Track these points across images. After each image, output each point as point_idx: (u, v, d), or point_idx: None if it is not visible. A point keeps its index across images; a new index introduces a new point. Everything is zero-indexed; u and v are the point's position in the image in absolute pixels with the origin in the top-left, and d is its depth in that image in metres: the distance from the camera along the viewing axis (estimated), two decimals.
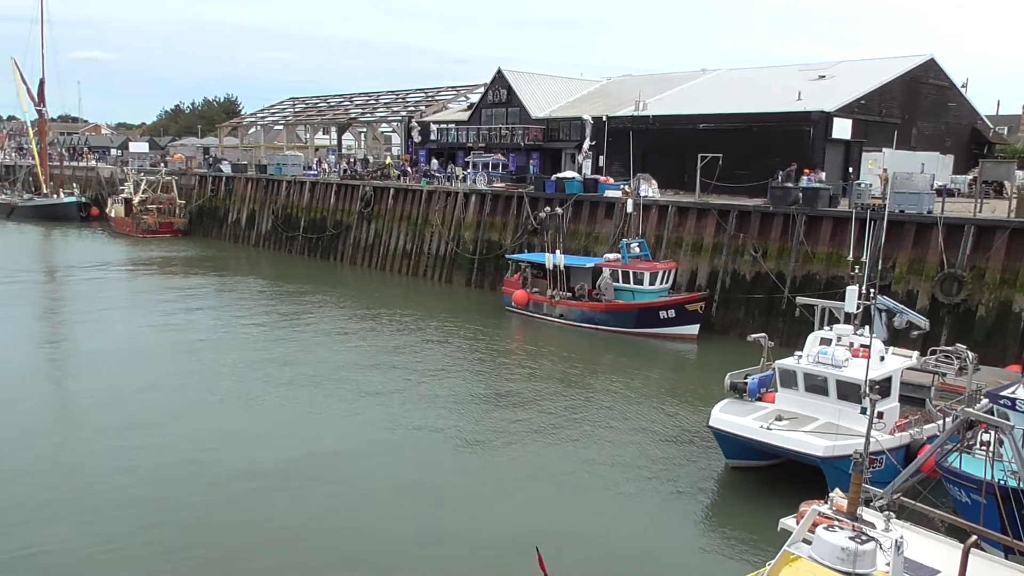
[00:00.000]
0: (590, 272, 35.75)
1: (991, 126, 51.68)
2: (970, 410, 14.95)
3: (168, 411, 22.72)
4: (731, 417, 18.98)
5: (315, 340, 32.09)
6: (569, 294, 35.82)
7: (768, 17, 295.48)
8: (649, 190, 38.80)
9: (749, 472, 19.04)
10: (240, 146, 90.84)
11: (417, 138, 65.64)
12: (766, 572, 10.39)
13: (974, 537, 10.45)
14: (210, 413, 22.79)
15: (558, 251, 36.39)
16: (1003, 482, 14.04)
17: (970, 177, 42.56)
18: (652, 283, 33.36)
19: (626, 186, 38.85)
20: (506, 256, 41.07)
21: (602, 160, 49.34)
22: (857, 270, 19.17)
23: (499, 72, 59.47)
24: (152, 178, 69.68)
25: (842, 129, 42.02)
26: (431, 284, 46.56)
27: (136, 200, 67.71)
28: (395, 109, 74.06)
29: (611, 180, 42.90)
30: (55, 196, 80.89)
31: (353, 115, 78.60)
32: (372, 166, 62.63)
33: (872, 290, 19.55)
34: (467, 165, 53.72)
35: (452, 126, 63.17)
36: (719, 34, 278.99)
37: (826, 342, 19.07)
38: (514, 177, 50.98)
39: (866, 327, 19.17)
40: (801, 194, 33.48)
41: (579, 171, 45.70)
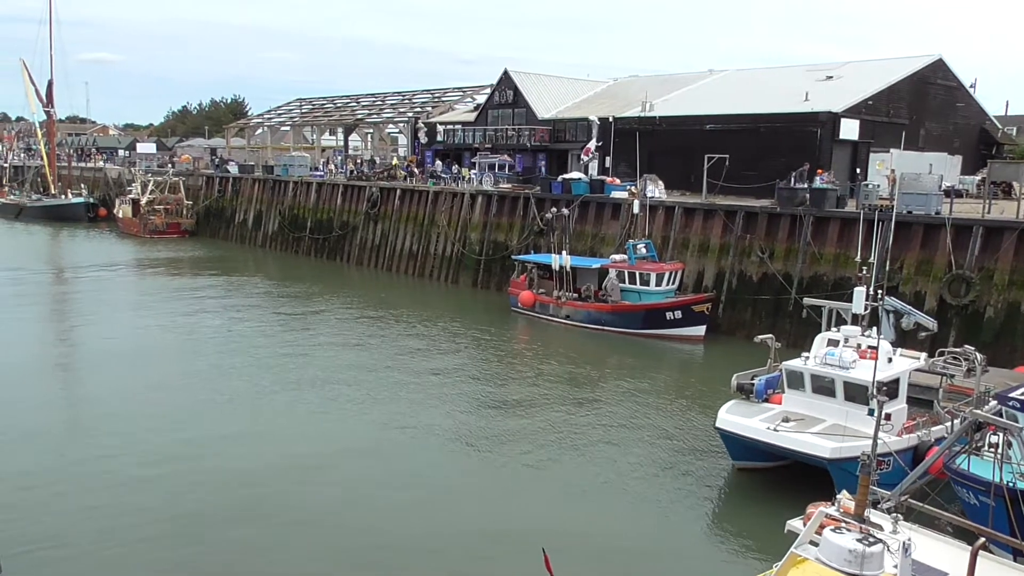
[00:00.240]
0: (596, 273, 35.72)
1: (999, 126, 51.47)
2: (978, 412, 14.90)
3: (176, 410, 22.78)
4: (738, 418, 18.93)
5: (322, 340, 32.14)
6: (575, 295, 35.79)
7: (775, 18, 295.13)
8: (656, 191, 38.74)
9: (756, 473, 18.98)
10: (247, 147, 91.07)
11: (423, 139, 65.74)
12: (773, 574, 10.37)
13: (982, 539, 10.41)
14: (217, 412, 22.83)
15: (564, 252, 36.36)
16: (1012, 484, 13.96)
17: (978, 178, 42.39)
18: (659, 284, 33.31)
19: (632, 187, 38.82)
20: (512, 257, 41.07)
21: (608, 161, 49.31)
22: (865, 271, 19.10)
23: (505, 73, 59.52)
24: (159, 179, 69.98)
25: (849, 130, 41.92)
26: (437, 285, 46.59)
27: (143, 201, 67.98)
28: (401, 110, 74.20)
29: (618, 181, 42.86)
30: (63, 197, 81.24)
31: (360, 116, 78.77)
32: (378, 167, 62.75)
33: (880, 291, 19.48)
34: (473, 166, 53.77)
35: (458, 127, 63.24)
36: (726, 35, 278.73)
37: (833, 343, 19.00)
38: (520, 178, 51.01)
39: (874, 328, 19.11)
40: (808, 195, 33.39)
41: (584, 172, 45.70)
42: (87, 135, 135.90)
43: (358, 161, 68.68)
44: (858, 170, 41.74)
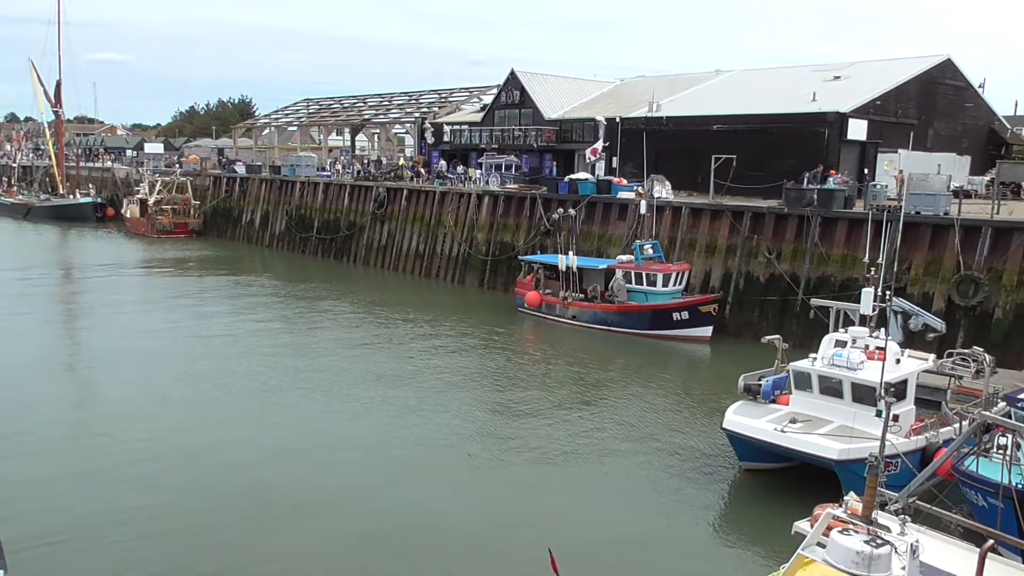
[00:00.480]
0: (603, 273, 35.69)
1: (1008, 127, 51.19)
2: (987, 413, 14.86)
3: (184, 409, 22.86)
4: (745, 419, 18.89)
5: (329, 340, 32.19)
6: (582, 295, 35.77)
7: (782, 18, 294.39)
8: (663, 191, 38.68)
9: (763, 475, 18.94)
10: (254, 147, 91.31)
11: (430, 139, 65.79)
12: (780, 575, 10.34)
13: (991, 541, 10.37)
14: (225, 411, 22.89)
15: (571, 252, 36.34)
16: (1020, 486, 13.91)
17: (987, 178, 42.22)
18: (665, 285, 33.27)
19: (639, 187, 38.77)
20: (519, 257, 41.06)
21: (615, 161, 49.27)
22: (873, 272, 19.03)
23: (512, 73, 59.52)
24: (167, 179, 70.18)
25: (857, 130, 41.76)
26: (444, 285, 46.62)
27: (151, 201, 68.22)
28: (408, 110, 74.26)
29: (624, 181, 42.81)
30: (71, 197, 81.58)
31: (366, 116, 78.87)
32: (385, 167, 62.82)
33: (888, 292, 19.39)
34: (479, 166, 53.76)
35: (465, 127, 63.25)
36: (733, 35, 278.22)
37: (841, 344, 18.94)
38: (527, 178, 51.01)
39: (881, 329, 19.04)
40: (816, 195, 33.30)
41: (591, 172, 45.67)
42: (95, 135, 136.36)
43: (365, 161, 68.79)
44: (866, 170, 41.62)
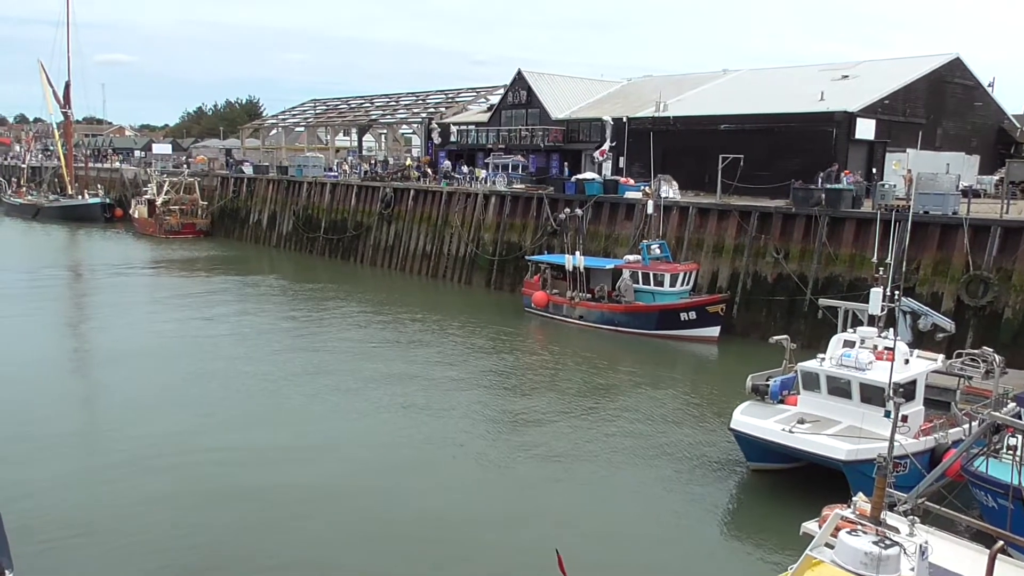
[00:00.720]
0: (610, 274, 35.64)
1: (1018, 126, 50.91)
2: (997, 414, 14.79)
3: (191, 407, 22.90)
4: (752, 420, 18.83)
5: (337, 340, 32.23)
6: (589, 296, 35.73)
7: (789, 17, 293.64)
8: (670, 191, 38.62)
9: (770, 475, 18.88)
10: (262, 147, 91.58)
11: (437, 139, 65.86)
12: None
13: (1001, 542, 10.28)
14: (233, 410, 22.95)
15: (578, 252, 36.31)
16: None
17: (996, 178, 42.03)
18: (673, 285, 33.20)
19: (646, 187, 38.72)
20: (526, 257, 41.04)
21: (622, 161, 49.21)
22: (881, 272, 18.96)
23: (519, 73, 59.55)
24: (175, 179, 70.47)
25: (865, 129, 41.64)
26: (451, 285, 46.64)
27: (159, 201, 68.47)
28: (415, 110, 74.38)
29: (631, 181, 42.76)
30: (80, 197, 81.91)
31: (373, 116, 79.03)
32: (392, 167, 62.90)
33: (896, 292, 19.32)
34: (486, 166, 53.78)
35: (472, 127, 63.31)
36: (740, 34, 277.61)
37: (849, 344, 18.87)
38: (534, 178, 51.01)
39: (890, 329, 18.94)
40: (824, 195, 33.19)
41: (598, 172, 45.63)
42: (103, 136, 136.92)
43: (372, 162, 68.90)
44: (874, 170, 41.48)
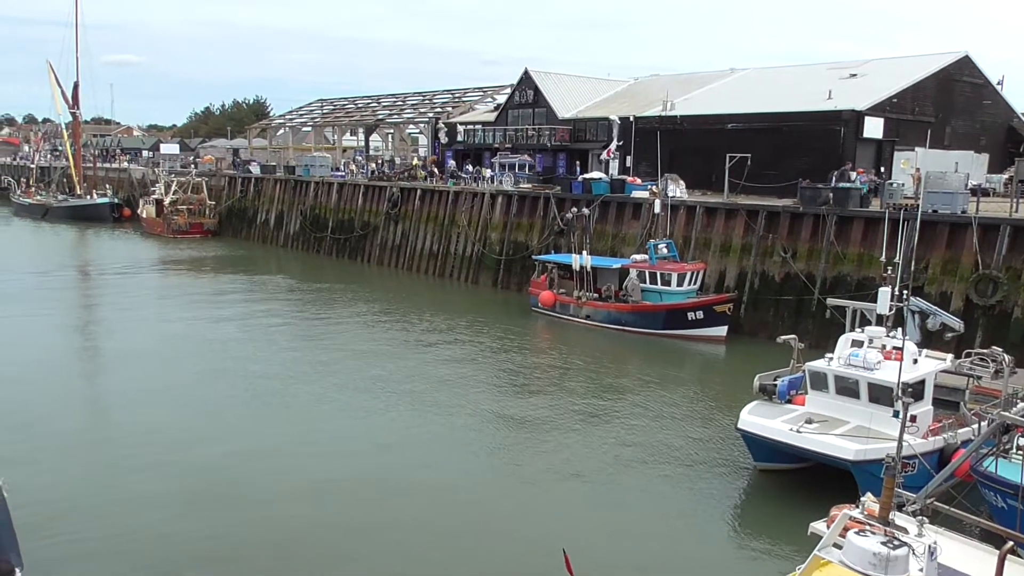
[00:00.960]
0: (617, 273, 35.59)
1: None
2: (1006, 414, 14.70)
3: (199, 407, 23.00)
4: (760, 419, 18.77)
5: (344, 340, 32.28)
6: (596, 295, 35.69)
7: (797, 16, 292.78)
8: (677, 190, 38.54)
9: (778, 475, 18.83)
10: (269, 147, 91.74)
11: (444, 139, 65.86)
12: None
13: (1010, 543, 10.22)
14: (241, 409, 23.00)
15: (585, 252, 36.29)
16: None
17: (1006, 176, 41.79)
18: (680, 284, 33.14)
19: (654, 186, 38.65)
20: (533, 257, 41.02)
21: (629, 160, 49.14)
22: (890, 271, 18.88)
23: (526, 73, 59.49)
24: (183, 179, 70.67)
25: (874, 128, 41.45)
26: (457, 285, 46.66)
27: (167, 201, 68.67)
28: (422, 110, 74.37)
29: (638, 180, 42.70)
30: (88, 197, 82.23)
31: (380, 116, 79.06)
32: (399, 167, 62.94)
33: (905, 291, 19.25)
34: (492, 166, 53.77)
35: (479, 127, 63.27)
36: (747, 33, 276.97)
37: (858, 344, 18.79)
38: (541, 178, 50.97)
39: (899, 329, 18.89)
40: (832, 194, 33.07)
41: (605, 171, 45.56)
42: (112, 136, 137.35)
43: (379, 161, 68.97)
44: (882, 169, 41.31)
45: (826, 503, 12.88)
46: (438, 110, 71.43)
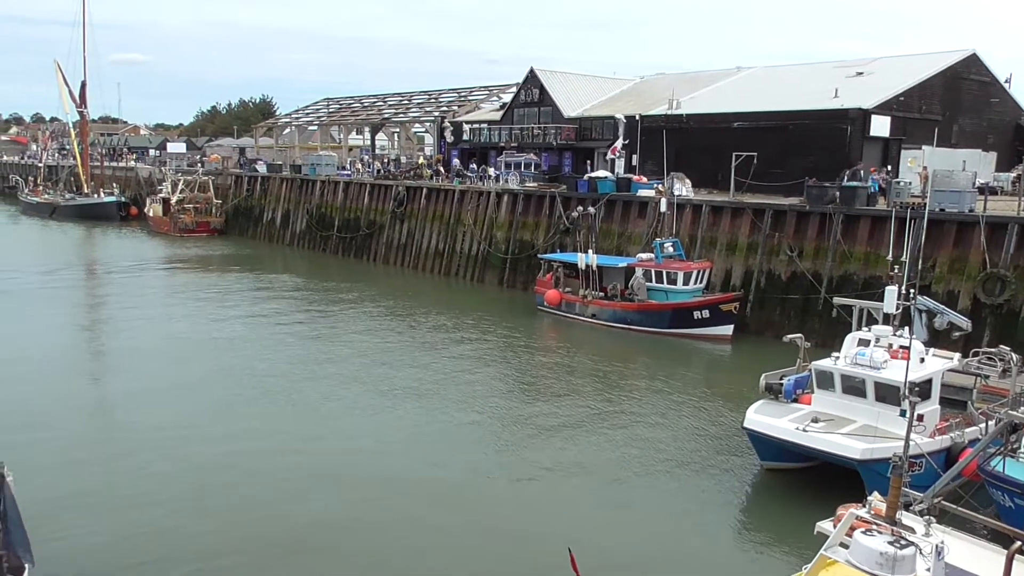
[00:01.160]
0: (623, 272, 35.55)
1: None
2: (1014, 413, 14.65)
3: (207, 405, 23.06)
4: (766, 418, 18.73)
5: (350, 338, 32.32)
6: (602, 294, 35.66)
7: (804, 15, 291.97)
8: (683, 189, 38.51)
9: (784, 474, 18.79)
10: (275, 146, 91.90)
11: (450, 138, 65.87)
12: None
13: (1018, 543, 10.19)
14: (249, 407, 23.05)
15: (590, 251, 36.25)
16: None
17: (1013, 175, 41.63)
18: (686, 283, 33.10)
19: (659, 185, 38.60)
20: (538, 256, 41.01)
21: (635, 159, 49.08)
22: (896, 270, 18.83)
23: (531, 72, 59.48)
24: (189, 178, 70.86)
25: (880, 126, 41.30)
26: (463, 283, 46.68)
27: (174, 200, 68.86)
28: (428, 109, 74.41)
29: (644, 179, 42.65)
30: (96, 196, 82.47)
31: (386, 115, 79.14)
32: (405, 166, 62.95)
33: (912, 290, 19.18)
34: (498, 165, 53.78)
35: (484, 126, 63.28)
36: (754, 32, 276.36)
37: (864, 343, 18.74)
38: (546, 177, 50.93)
39: (905, 328, 18.82)
40: (838, 193, 32.99)
41: (611, 170, 45.51)
42: (119, 135, 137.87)
43: (385, 160, 69.02)
44: (889, 167, 41.17)
45: (832, 502, 12.86)
46: (444, 109, 71.46)
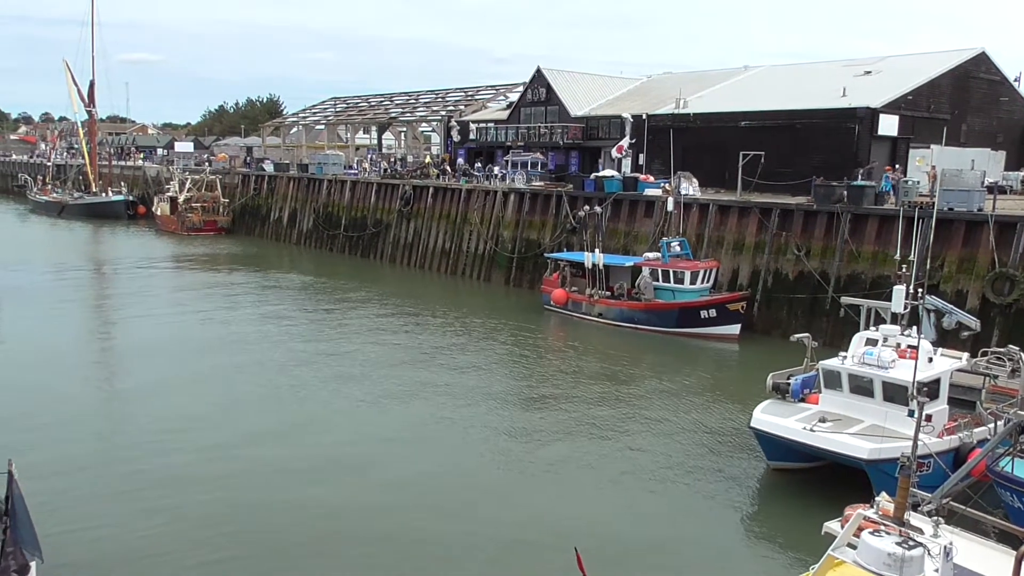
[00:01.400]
0: (629, 271, 35.51)
1: None
2: (1023, 413, 14.56)
3: (215, 403, 23.11)
4: (773, 418, 18.68)
5: (357, 337, 32.36)
6: (608, 293, 35.63)
7: (810, 14, 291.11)
8: (690, 188, 38.42)
9: (791, 474, 18.74)
10: (282, 145, 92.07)
11: (456, 137, 65.88)
12: None
13: None
14: (256, 405, 23.11)
15: (597, 250, 36.22)
16: None
17: (1023, 174, 41.45)
18: (693, 282, 33.03)
19: (666, 184, 38.53)
20: (545, 255, 41.00)
21: (642, 158, 49.01)
22: (904, 269, 18.75)
23: (538, 71, 59.43)
24: (197, 177, 71.05)
25: (888, 125, 41.14)
26: (470, 282, 46.69)
27: (181, 199, 69.05)
28: (435, 108, 74.43)
29: (651, 178, 42.58)
30: (104, 195, 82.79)
31: (393, 114, 79.19)
32: (412, 165, 62.98)
33: (920, 290, 19.11)
34: (504, 164, 53.77)
35: (491, 125, 63.25)
36: (760, 31, 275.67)
37: (872, 343, 18.68)
38: (553, 176, 50.91)
39: (914, 327, 18.75)
40: (846, 192, 32.88)
41: (617, 169, 45.44)
42: (127, 134, 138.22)
43: (392, 159, 69.07)
44: (897, 166, 41.03)
45: (840, 502, 12.82)
46: (451, 108, 71.46)
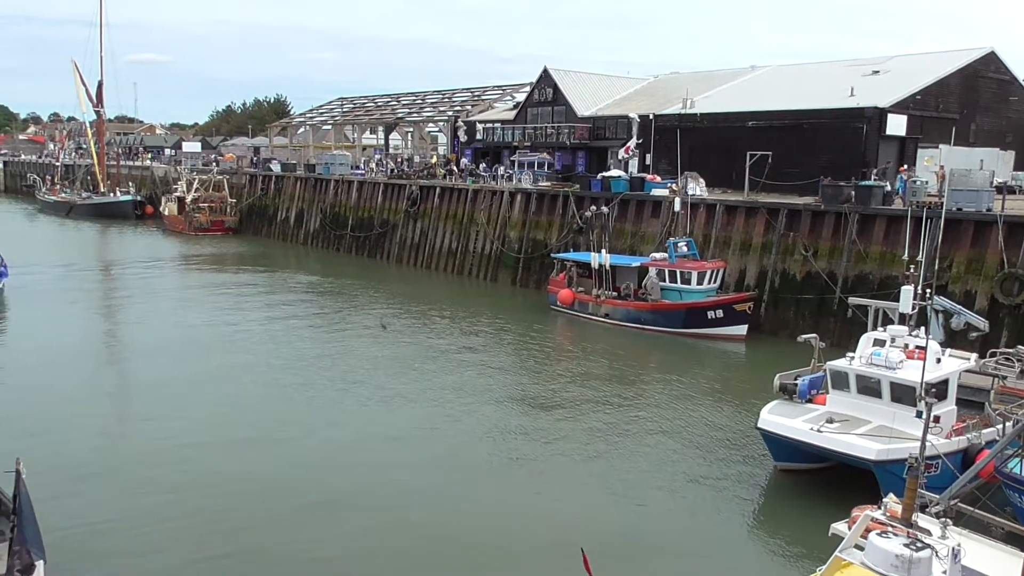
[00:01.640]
0: (636, 271, 35.46)
1: None
2: None
3: (222, 401, 23.16)
4: (780, 419, 18.62)
5: (365, 336, 32.39)
6: (615, 293, 35.59)
7: (817, 14, 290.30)
8: (697, 188, 38.37)
9: (799, 475, 18.69)
10: (289, 146, 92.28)
11: (463, 137, 65.93)
12: None
13: None
14: (263, 404, 23.14)
15: (604, 250, 36.18)
16: None
17: None
18: (700, 283, 32.97)
19: (673, 184, 38.48)
20: (551, 255, 40.98)
21: (649, 158, 48.95)
22: (912, 269, 18.69)
23: (545, 71, 59.43)
24: (204, 177, 71.24)
25: (896, 125, 41.00)
26: (476, 283, 46.71)
27: (189, 199, 69.28)
28: (441, 109, 74.50)
29: (658, 178, 42.53)
30: (112, 195, 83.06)
31: (400, 115, 79.31)
32: (418, 165, 63.04)
33: (928, 290, 19.03)
34: (512, 164, 53.79)
35: (498, 125, 63.28)
36: (767, 31, 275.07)
37: (880, 343, 18.59)
38: (560, 176, 50.89)
39: (922, 328, 18.67)
40: (853, 192, 32.78)
41: (624, 169, 45.40)
42: (135, 134, 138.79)
43: (398, 160, 69.16)
44: (905, 166, 40.90)
45: (847, 504, 12.77)
46: (457, 108, 71.51)
